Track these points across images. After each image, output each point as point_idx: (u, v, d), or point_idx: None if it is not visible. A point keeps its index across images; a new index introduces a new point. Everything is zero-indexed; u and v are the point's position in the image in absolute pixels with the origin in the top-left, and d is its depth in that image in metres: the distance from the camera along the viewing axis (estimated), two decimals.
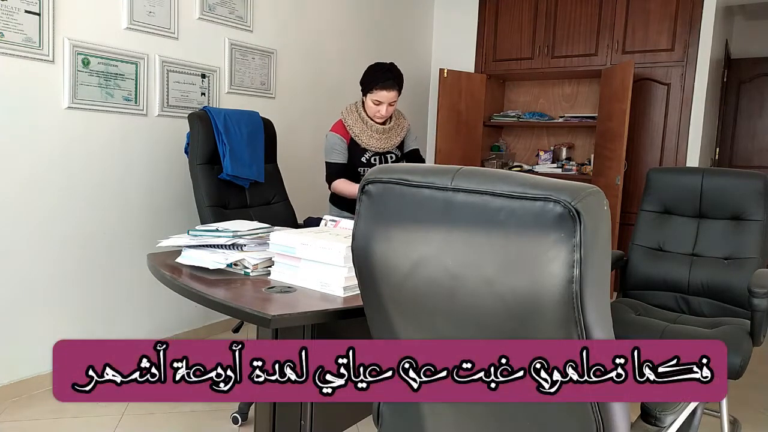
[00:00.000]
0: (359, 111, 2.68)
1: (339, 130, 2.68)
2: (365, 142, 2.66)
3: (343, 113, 2.71)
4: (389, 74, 2.58)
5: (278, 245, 1.59)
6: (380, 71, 2.59)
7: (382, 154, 2.73)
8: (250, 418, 2.32)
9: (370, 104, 2.62)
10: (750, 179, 2.42)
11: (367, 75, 2.63)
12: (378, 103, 2.60)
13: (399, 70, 2.64)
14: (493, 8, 4.92)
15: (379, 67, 2.63)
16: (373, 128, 2.66)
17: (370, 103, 2.61)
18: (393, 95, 2.59)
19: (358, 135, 2.65)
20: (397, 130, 2.75)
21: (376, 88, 2.57)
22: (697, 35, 4.13)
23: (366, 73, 2.65)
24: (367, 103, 2.64)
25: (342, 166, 2.67)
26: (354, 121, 2.66)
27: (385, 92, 2.57)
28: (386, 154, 2.75)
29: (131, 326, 2.90)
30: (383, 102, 2.59)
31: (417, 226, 0.95)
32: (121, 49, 2.73)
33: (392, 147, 2.75)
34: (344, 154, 2.66)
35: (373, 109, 2.62)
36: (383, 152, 2.73)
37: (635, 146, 4.36)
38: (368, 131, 2.65)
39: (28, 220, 2.47)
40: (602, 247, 0.84)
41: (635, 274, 2.55)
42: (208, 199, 2.55)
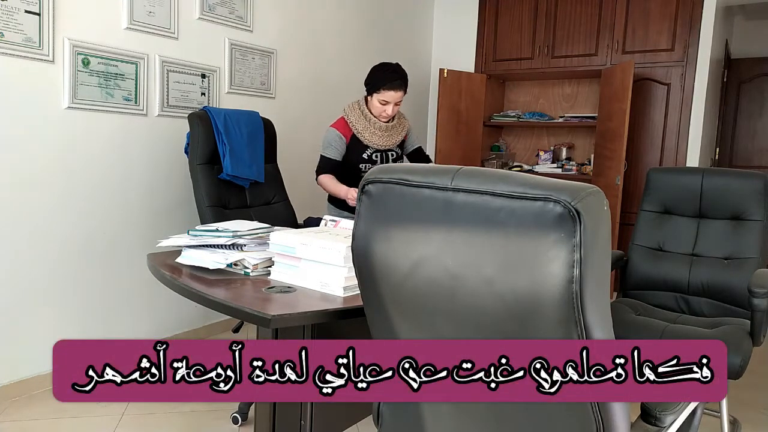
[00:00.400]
0: (362, 108, 2.68)
1: (340, 126, 2.69)
2: (368, 139, 2.67)
3: (346, 110, 2.71)
4: (396, 75, 2.60)
5: (278, 245, 1.59)
6: (387, 71, 2.61)
7: (383, 151, 2.74)
8: (250, 418, 2.32)
9: (376, 104, 2.63)
10: (750, 179, 2.42)
11: (374, 75, 2.64)
12: (385, 102, 2.61)
13: (405, 71, 2.66)
14: (493, 8, 4.92)
15: (385, 67, 2.64)
16: (376, 125, 2.67)
17: (376, 102, 2.62)
18: (399, 95, 2.61)
19: (360, 132, 2.66)
20: (398, 128, 2.77)
21: (384, 88, 2.58)
22: (697, 35, 4.13)
23: (372, 72, 2.66)
24: (372, 102, 2.65)
25: (334, 162, 2.67)
26: (357, 118, 2.67)
27: (392, 92, 2.59)
28: (387, 152, 2.76)
29: (131, 326, 2.90)
30: (390, 102, 2.61)
31: (417, 226, 0.95)
32: (121, 49, 2.73)
33: (393, 145, 2.76)
34: (339, 152, 2.67)
35: (379, 108, 2.63)
36: (385, 149, 2.74)
37: (635, 146, 4.36)
38: (371, 128, 2.66)
39: (28, 219, 2.47)
40: (602, 247, 0.84)
41: (635, 274, 2.55)
42: (208, 199, 2.55)
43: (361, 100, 2.72)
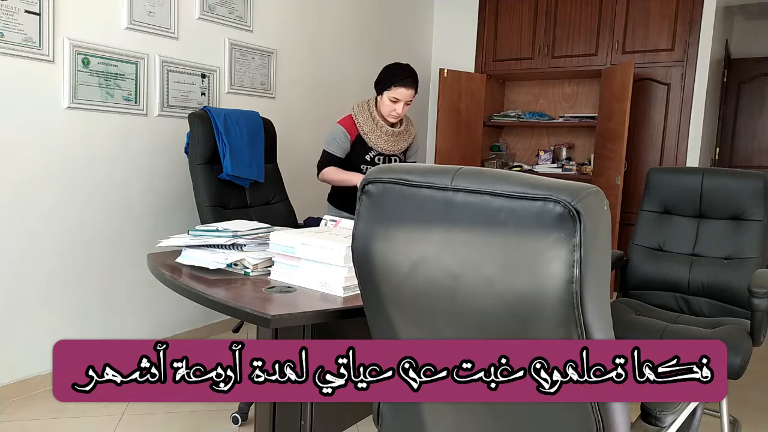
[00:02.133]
0: (371, 110, 2.66)
1: (347, 124, 2.67)
2: (373, 142, 2.65)
3: (355, 109, 2.69)
4: (408, 73, 2.60)
5: (278, 245, 1.59)
6: (399, 69, 2.61)
7: (386, 156, 2.72)
8: (250, 417, 2.32)
9: (387, 102, 2.60)
10: (750, 179, 2.42)
11: (386, 73, 2.63)
12: (395, 100, 2.58)
13: (416, 72, 2.66)
14: (493, 8, 4.92)
15: (397, 66, 2.64)
16: (383, 129, 2.65)
17: (387, 101, 2.60)
18: (411, 94, 2.60)
19: (366, 133, 2.64)
20: (405, 135, 2.74)
21: (395, 85, 2.56)
22: (697, 35, 4.13)
23: (384, 71, 2.65)
24: (383, 101, 2.62)
25: (337, 159, 2.65)
26: (365, 118, 2.65)
27: (403, 89, 2.57)
28: (391, 156, 2.74)
29: (131, 326, 2.90)
30: (401, 100, 2.58)
31: (417, 226, 0.95)
32: (121, 49, 2.73)
33: (398, 151, 2.74)
34: (343, 150, 2.65)
35: (389, 107, 2.60)
36: (388, 155, 2.72)
37: (635, 146, 4.36)
38: (377, 131, 2.65)
39: (28, 219, 2.47)
40: (602, 247, 0.84)
41: (635, 274, 2.55)
42: (207, 199, 2.55)
43: (371, 100, 2.70)
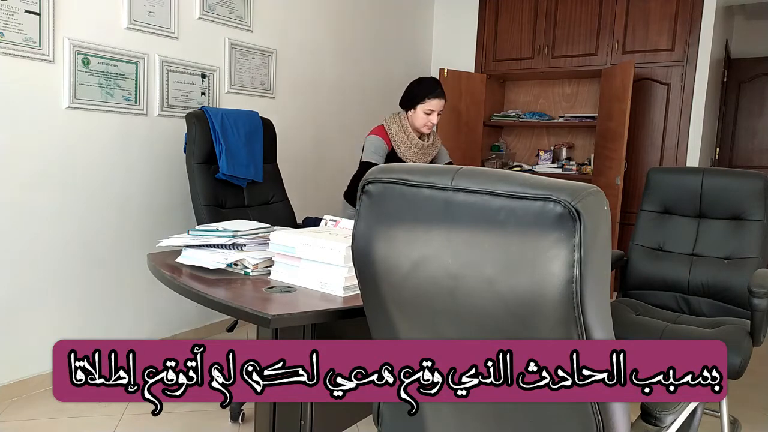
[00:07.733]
0: (402, 122, 2.71)
1: (382, 135, 2.71)
2: (404, 154, 2.70)
3: (387, 120, 2.74)
4: (437, 84, 2.71)
5: (278, 245, 1.59)
6: (429, 83, 2.72)
7: None
8: (249, 417, 2.32)
9: (421, 115, 2.66)
10: (750, 179, 2.42)
11: (416, 88, 2.70)
12: (430, 112, 2.66)
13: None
14: (493, 8, 4.92)
15: (425, 80, 2.76)
16: (413, 141, 2.70)
17: (422, 113, 2.66)
18: (443, 104, 2.70)
19: (399, 145, 2.69)
20: (431, 148, 2.79)
21: (429, 97, 2.65)
22: (697, 35, 4.13)
23: (413, 87, 2.72)
24: (417, 114, 2.67)
25: None
26: (397, 130, 2.69)
27: (436, 100, 2.66)
28: None
29: (131, 326, 2.90)
30: (435, 111, 2.66)
31: (417, 226, 0.95)
32: (121, 49, 2.73)
33: (426, 162, 2.77)
34: (383, 160, 2.69)
35: (424, 119, 2.67)
36: None
37: (635, 146, 4.36)
38: (408, 143, 2.70)
39: (28, 219, 2.47)
40: (602, 247, 0.84)
41: (635, 274, 2.55)
42: (204, 199, 2.55)
43: (402, 114, 2.74)
